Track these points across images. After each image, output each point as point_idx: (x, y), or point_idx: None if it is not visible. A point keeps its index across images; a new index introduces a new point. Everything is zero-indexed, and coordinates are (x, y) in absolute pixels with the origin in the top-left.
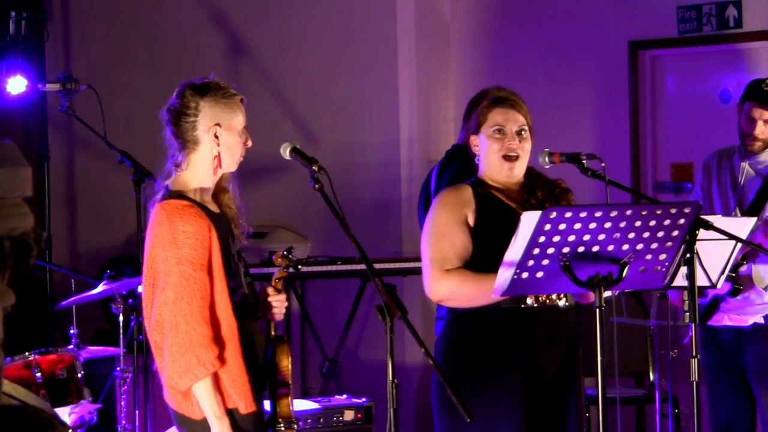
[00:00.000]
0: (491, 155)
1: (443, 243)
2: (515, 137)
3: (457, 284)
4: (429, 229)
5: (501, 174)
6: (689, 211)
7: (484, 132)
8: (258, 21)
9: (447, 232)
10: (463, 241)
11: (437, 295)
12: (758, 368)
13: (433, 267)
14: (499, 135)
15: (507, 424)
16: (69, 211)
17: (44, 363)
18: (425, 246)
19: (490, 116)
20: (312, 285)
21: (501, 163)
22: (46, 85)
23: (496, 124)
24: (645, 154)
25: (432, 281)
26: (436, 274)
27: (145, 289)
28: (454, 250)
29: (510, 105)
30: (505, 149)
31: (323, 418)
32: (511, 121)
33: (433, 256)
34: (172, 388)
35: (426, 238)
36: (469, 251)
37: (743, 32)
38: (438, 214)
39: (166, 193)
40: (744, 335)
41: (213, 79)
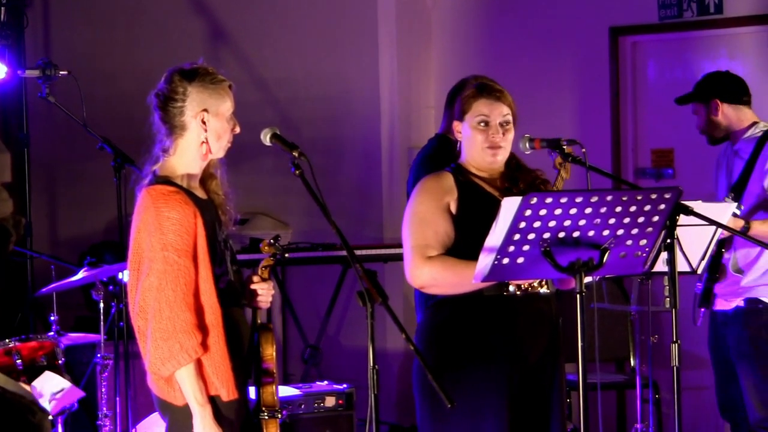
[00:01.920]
0: (475, 145)
1: (425, 230)
2: (499, 129)
3: (439, 271)
4: (411, 215)
5: (483, 162)
6: (669, 196)
7: (468, 121)
8: (238, 7)
9: (429, 219)
10: (445, 228)
11: (419, 282)
12: (738, 349)
13: (415, 254)
14: (484, 126)
15: (490, 411)
16: (49, 198)
17: (25, 350)
18: (407, 233)
19: (475, 106)
20: (293, 271)
21: (484, 152)
22: (25, 72)
23: (481, 114)
24: (626, 139)
25: (414, 268)
26: (418, 261)
27: (130, 274)
28: (436, 237)
29: (495, 96)
30: (489, 141)
31: (304, 404)
32: (496, 112)
33: (415, 243)
34: (155, 374)
35: (407, 224)
36: (451, 238)
37: (724, 18)
38: (420, 201)
39: (153, 178)
40: (728, 318)
41: (201, 65)
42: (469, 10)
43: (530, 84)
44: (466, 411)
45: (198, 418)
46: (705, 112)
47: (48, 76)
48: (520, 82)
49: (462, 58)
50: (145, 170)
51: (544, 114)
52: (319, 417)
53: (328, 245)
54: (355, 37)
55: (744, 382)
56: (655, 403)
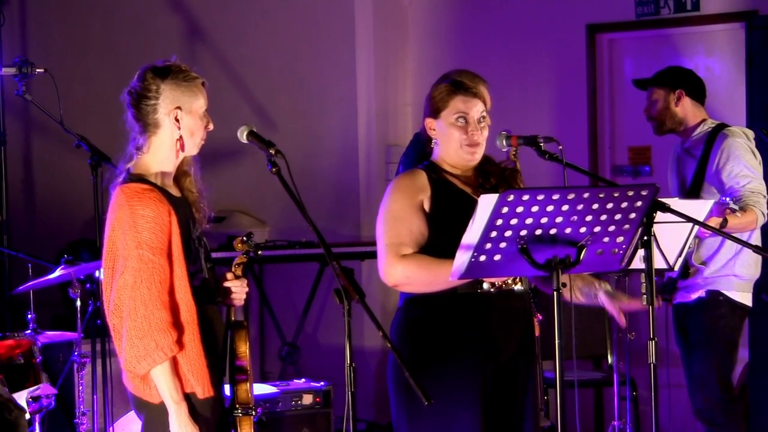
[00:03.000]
0: (452, 143)
1: (399, 228)
2: (477, 126)
3: (413, 269)
4: (384, 214)
5: (461, 160)
6: (646, 193)
7: (445, 118)
8: (215, 5)
9: (403, 217)
10: (419, 226)
11: (392, 280)
12: (695, 338)
13: (389, 252)
14: (462, 123)
15: (465, 407)
16: (26, 196)
17: (2, 348)
18: (381, 231)
19: (452, 103)
20: (270, 269)
21: (462, 150)
22: (2, 69)
23: (459, 111)
24: (603, 137)
25: (387, 266)
26: (392, 259)
27: (104, 272)
28: (410, 236)
29: (472, 93)
30: (468, 139)
31: (282, 402)
32: (473, 109)
33: (389, 241)
34: (131, 372)
35: (381, 223)
36: (424, 237)
37: (700, 15)
38: (393, 199)
39: (127, 176)
40: (689, 308)
41: (174, 62)
42: (446, 8)
43: (507, 81)
44: (439, 406)
45: (174, 415)
46: (666, 99)
47: (24, 74)
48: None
49: (438, 56)
50: (119, 168)
51: (521, 111)
52: (297, 415)
53: (306, 243)
54: (332, 35)
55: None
56: (633, 400)
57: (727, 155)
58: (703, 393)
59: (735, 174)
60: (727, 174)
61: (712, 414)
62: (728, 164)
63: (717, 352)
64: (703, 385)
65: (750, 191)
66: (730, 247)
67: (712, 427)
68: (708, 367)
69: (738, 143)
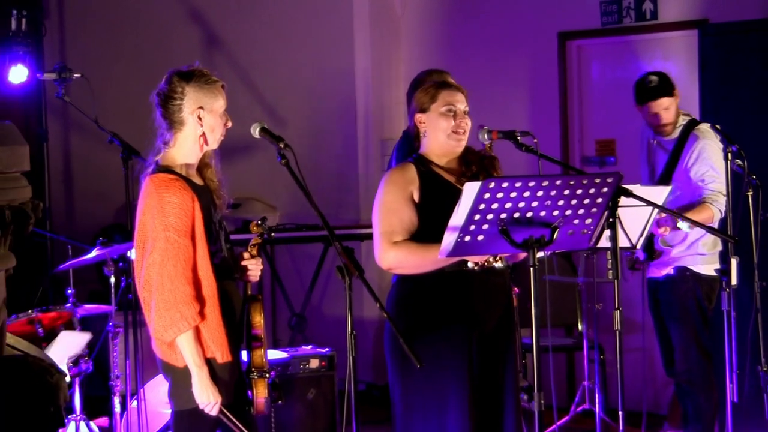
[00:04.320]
0: (441, 132)
1: (391, 218)
2: (464, 116)
3: (404, 254)
4: (379, 205)
5: (449, 146)
6: (611, 180)
7: (435, 111)
8: (230, 17)
9: (395, 208)
10: (409, 216)
11: (386, 264)
12: (668, 312)
13: (383, 239)
14: (450, 114)
15: (452, 371)
16: (66, 186)
17: (45, 319)
18: (376, 221)
19: (441, 97)
20: (280, 249)
21: (451, 138)
22: (44, 75)
23: (448, 104)
24: (573, 131)
25: (381, 252)
26: (385, 246)
27: (136, 252)
28: (401, 225)
29: (456, 88)
30: (456, 126)
31: (291, 366)
32: (459, 101)
33: (383, 229)
34: (159, 340)
35: (376, 213)
36: (414, 225)
37: (659, 23)
38: (386, 191)
39: (155, 167)
40: (659, 284)
41: (197, 67)
42: (434, 17)
43: (488, 82)
44: (430, 371)
45: (196, 378)
46: (675, 103)
47: (63, 79)
48: (479, 80)
49: (428, 59)
50: (149, 160)
51: (500, 108)
52: (305, 377)
53: (312, 226)
54: (334, 41)
55: (673, 339)
56: (601, 363)
57: (696, 156)
58: (683, 360)
59: (701, 174)
60: (695, 173)
61: (690, 376)
62: (696, 165)
63: (692, 324)
64: (684, 354)
65: (711, 190)
66: (696, 232)
67: (689, 386)
68: (687, 339)
69: (708, 145)
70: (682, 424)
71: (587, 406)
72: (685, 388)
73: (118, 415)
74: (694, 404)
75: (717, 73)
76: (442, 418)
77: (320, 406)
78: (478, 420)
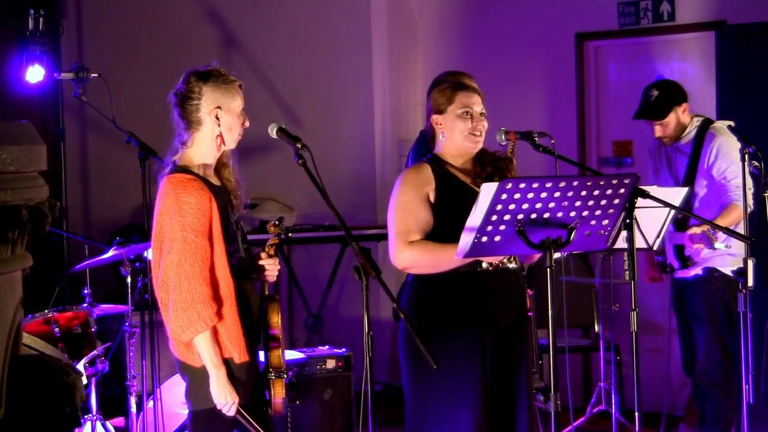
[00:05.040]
0: (458, 133)
1: (407, 218)
2: (480, 117)
3: (420, 254)
4: (394, 205)
5: (465, 148)
6: (628, 181)
7: (451, 112)
8: (247, 17)
9: (411, 208)
10: (425, 216)
11: (401, 264)
12: (693, 312)
13: (398, 239)
14: (467, 116)
15: (466, 370)
16: (82, 186)
17: (62, 319)
18: (391, 220)
19: (458, 99)
20: (297, 249)
21: (468, 139)
22: (61, 74)
23: (465, 106)
24: (590, 132)
25: (397, 252)
26: (401, 246)
27: (153, 252)
28: (417, 224)
29: (473, 90)
30: (473, 128)
31: (308, 366)
32: (476, 103)
33: (398, 229)
34: (176, 340)
35: (392, 213)
36: (430, 225)
37: (676, 25)
38: (402, 191)
39: (173, 167)
40: (687, 284)
41: (215, 67)
42: (452, 17)
43: (505, 83)
44: (443, 370)
45: (214, 378)
46: (676, 117)
47: (81, 78)
48: (496, 81)
49: (445, 60)
50: (166, 160)
51: (517, 109)
52: (322, 377)
53: (329, 226)
54: (351, 43)
55: (697, 339)
56: (617, 364)
57: (715, 154)
58: (705, 361)
59: (723, 170)
60: (716, 171)
61: (710, 378)
62: (717, 162)
63: (717, 326)
64: (706, 355)
65: (736, 185)
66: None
67: (709, 387)
68: (711, 340)
69: (725, 141)
70: (699, 425)
71: (603, 407)
72: (704, 389)
73: (134, 416)
74: (713, 406)
75: (734, 75)
76: (455, 418)
77: (337, 406)
78: (491, 420)
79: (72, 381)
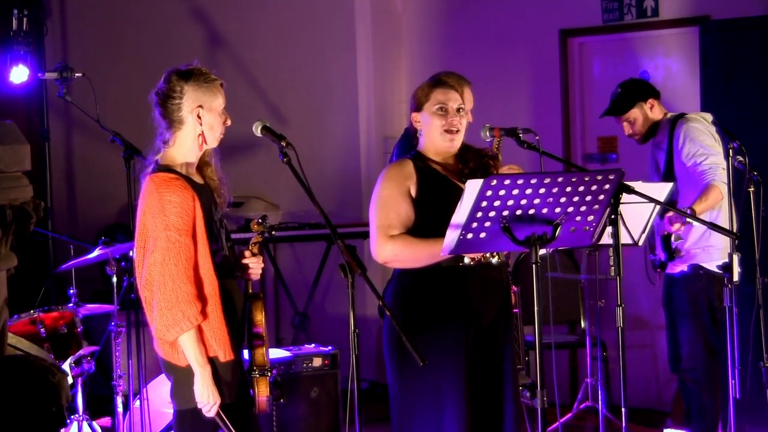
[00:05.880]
0: (434, 130)
1: (388, 212)
2: (456, 114)
3: (400, 248)
4: (376, 199)
5: (442, 146)
6: (613, 177)
7: (427, 110)
8: (232, 15)
9: (392, 203)
10: (406, 210)
11: (382, 258)
12: (678, 308)
13: (379, 233)
14: (442, 112)
15: (450, 365)
16: (68, 185)
17: (47, 319)
18: (373, 214)
19: (433, 96)
20: (283, 248)
21: (443, 136)
22: (45, 74)
23: (439, 102)
24: (574, 128)
25: (378, 245)
26: (382, 239)
27: (137, 251)
28: (398, 219)
29: (449, 86)
30: (448, 125)
31: (295, 364)
32: (452, 100)
33: (380, 223)
34: (161, 339)
35: (373, 207)
36: (411, 219)
37: (659, 20)
38: (384, 186)
39: (155, 167)
40: (674, 280)
41: (196, 66)
42: (435, 15)
43: (490, 80)
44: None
45: (198, 377)
46: (642, 113)
47: (65, 78)
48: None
49: (429, 58)
50: (149, 159)
51: (502, 106)
52: (308, 375)
53: (314, 224)
54: (336, 40)
55: (681, 335)
56: (603, 359)
57: (683, 138)
58: (689, 358)
59: (692, 154)
60: (686, 155)
61: (695, 374)
62: (685, 147)
63: (701, 322)
64: (690, 351)
65: (708, 166)
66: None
67: (694, 384)
68: (695, 336)
69: (693, 127)
70: (685, 421)
71: (590, 403)
72: (689, 386)
73: (121, 415)
74: (698, 402)
75: (718, 70)
76: (441, 414)
77: (323, 404)
78: (476, 414)
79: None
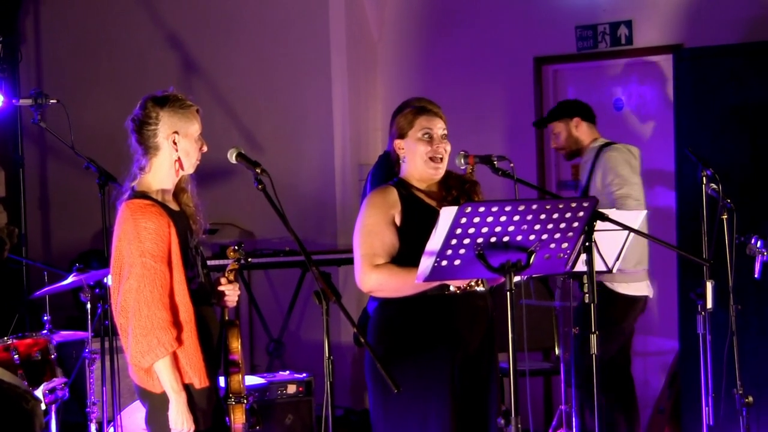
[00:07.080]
0: (419, 157)
1: (373, 240)
2: (441, 140)
3: (385, 277)
4: (360, 227)
5: (426, 173)
6: (587, 205)
7: (412, 136)
8: (207, 42)
9: (376, 231)
10: (390, 239)
11: (367, 287)
12: None
13: (364, 262)
14: (428, 138)
15: (436, 394)
16: (42, 212)
17: (21, 346)
18: (357, 243)
19: (418, 122)
20: (258, 274)
21: (428, 164)
22: (20, 101)
23: (425, 128)
24: (549, 155)
25: (362, 275)
26: (366, 269)
27: (112, 278)
28: (383, 247)
29: (434, 113)
30: (433, 152)
31: (269, 391)
32: (437, 126)
33: (364, 252)
34: (136, 366)
35: (357, 236)
36: (396, 248)
37: (634, 48)
38: (368, 214)
39: (131, 193)
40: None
41: (172, 92)
42: (411, 42)
43: (465, 107)
44: (413, 395)
45: (173, 404)
46: (567, 129)
47: (40, 105)
48: (456, 105)
49: (405, 85)
50: (125, 186)
51: (476, 133)
52: (283, 402)
53: (289, 251)
54: (311, 67)
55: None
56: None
57: (603, 168)
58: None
59: (608, 183)
60: (600, 183)
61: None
62: (604, 176)
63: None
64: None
65: (619, 197)
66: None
67: None
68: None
69: (613, 156)
70: None
71: (564, 430)
72: None
73: None
74: None
75: (692, 97)
76: None
77: (298, 431)
78: None
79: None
